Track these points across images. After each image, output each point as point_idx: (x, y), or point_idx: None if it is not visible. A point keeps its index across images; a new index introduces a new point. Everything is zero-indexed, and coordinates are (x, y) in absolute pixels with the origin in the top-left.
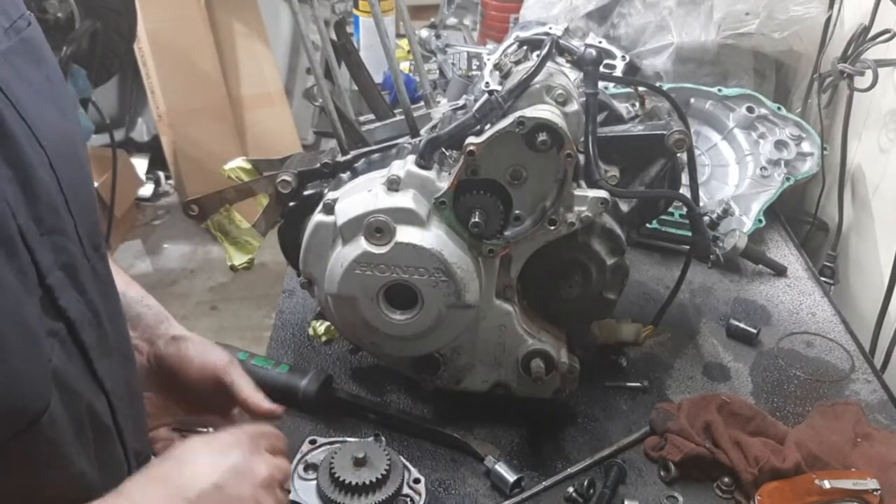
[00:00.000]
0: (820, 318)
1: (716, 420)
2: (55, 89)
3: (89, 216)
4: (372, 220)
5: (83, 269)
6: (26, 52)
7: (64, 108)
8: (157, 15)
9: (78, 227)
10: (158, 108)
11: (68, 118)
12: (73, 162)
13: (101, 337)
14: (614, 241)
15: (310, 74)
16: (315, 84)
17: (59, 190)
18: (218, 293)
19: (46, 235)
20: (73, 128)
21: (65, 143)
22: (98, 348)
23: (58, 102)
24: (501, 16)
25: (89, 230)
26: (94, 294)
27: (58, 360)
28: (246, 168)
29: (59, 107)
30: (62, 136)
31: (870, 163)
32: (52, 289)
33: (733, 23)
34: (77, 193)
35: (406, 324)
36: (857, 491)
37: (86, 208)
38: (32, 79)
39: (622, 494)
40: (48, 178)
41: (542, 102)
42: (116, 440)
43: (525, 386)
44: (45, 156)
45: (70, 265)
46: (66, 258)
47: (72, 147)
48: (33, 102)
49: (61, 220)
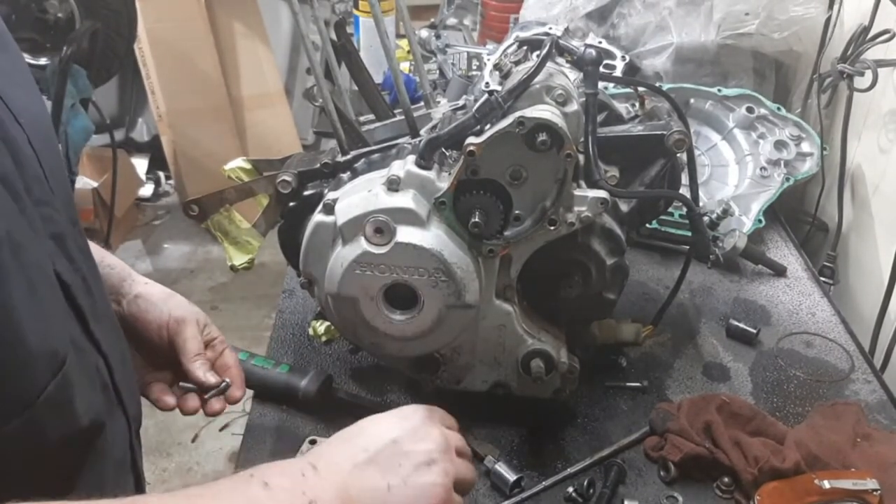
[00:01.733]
0: (820, 318)
1: (716, 420)
2: (22, 73)
3: (65, 192)
4: (372, 220)
5: (70, 238)
6: None
7: (31, 90)
8: (157, 15)
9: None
10: (158, 108)
11: (36, 100)
12: (47, 141)
13: (92, 303)
14: (614, 242)
15: (310, 74)
16: (315, 84)
17: (39, 165)
18: (218, 293)
19: (35, 206)
20: (42, 108)
21: (38, 123)
22: (91, 313)
23: (26, 85)
24: (501, 16)
25: (67, 205)
26: (81, 262)
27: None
28: (246, 168)
29: (27, 89)
30: (35, 116)
31: (869, 163)
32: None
33: (733, 23)
34: (53, 171)
35: (406, 324)
36: (856, 491)
37: (61, 184)
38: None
39: (622, 494)
40: (30, 153)
41: (542, 102)
42: (115, 400)
43: (525, 386)
44: (23, 133)
45: (59, 235)
46: (55, 228)
47: (44, 126)
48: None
49: (46, 192)
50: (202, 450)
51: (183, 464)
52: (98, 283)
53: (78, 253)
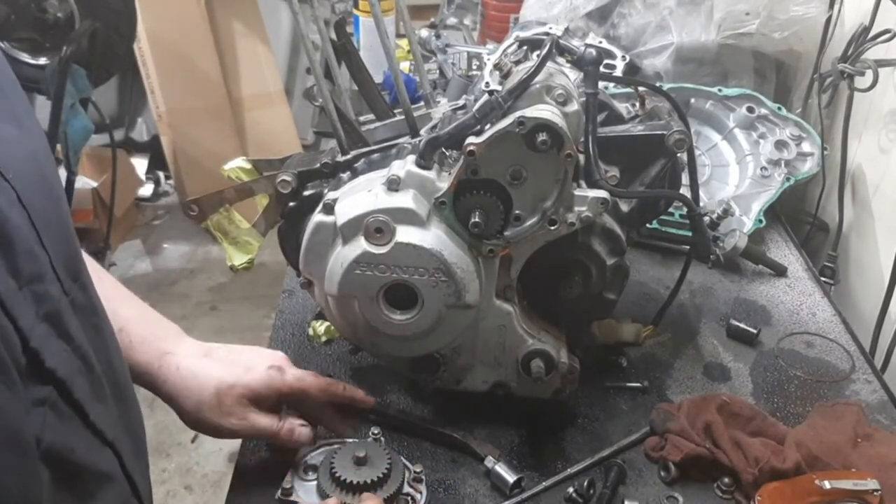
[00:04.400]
0: (820, 318)
1: (716, 420)
2: (9, 99)
3: (64, 244)
4: (372, 220)
5: (66, 311)
6: None
7: (21, 119)
8: (157, 15)
9: (53, 262)
10: (158, 107)
11: (28, 130)
12: (40, 186)
13: (93, 381)
14: (614, 242)
15: (310, 74)
16: (315, 84)
17: (31, 226)
18: (218, 293)
19: (26, 287)
20: (34, 142)
21: (30, 166)
22: (92, 397)
23: (14, 115)
24: (501, 16)
25: (66, 260)
26: (80, 334)
27: (50, 432)
28: (246, 168)
29: (16, 120)
30: (26, 156)
31: (870, 163)
32: (37, 352)
33: (733, 23)
34: (49, 222)
35: (406, 324)
36: (857, 491)
37: (60, 236)
38: None
39: (622, 495)
40: (19, 217)
41: (542, 102)
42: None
43: (525, 386)
44: (12, 191)
45: (53, 313)
46: (49, 305)
47: (37, 168)
48: None
49: (38, 262)
50: (202, 450)
51: (183, 464)
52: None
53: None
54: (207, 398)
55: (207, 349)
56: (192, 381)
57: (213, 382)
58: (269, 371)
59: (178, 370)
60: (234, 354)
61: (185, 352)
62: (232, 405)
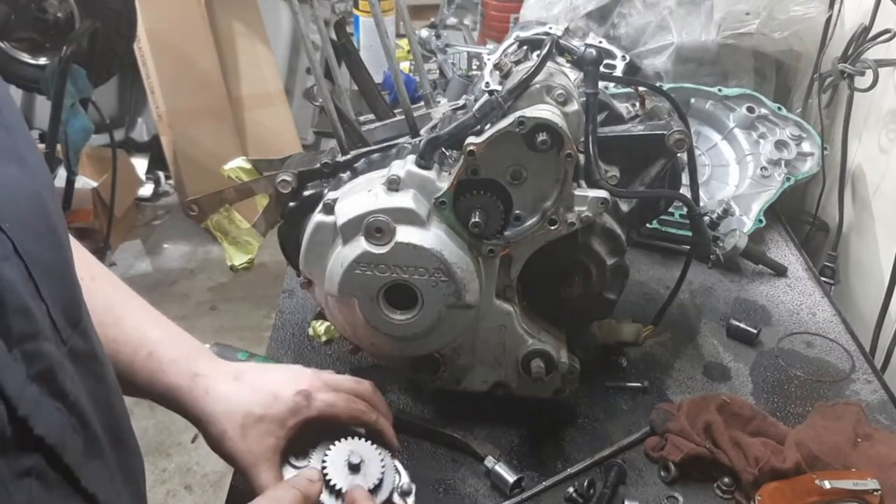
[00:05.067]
0: (820, 318)
1: (716, 420)
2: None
3: (64, 290)
4: (372, 220)
5: (61, 366)
6: None
7: (25, 156)
8: (157, 15)
9: (51, 311)
10: (158, 107)
11: (31, 168)
12: (41, 231)
13: (87, 439)
14: (614, 242)
15: (310, 74)
16: (315, 84)
17: (27, 278)
18: (218, 293)
19: (16, 347)
20: (38, 182)
21: (31, 209)
22: (85, 458)
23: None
24: (501, 16)
25: (65, 307)
26: (77, 387)
27: None
28: (246, 168)
29: (18, 158)
30: (27, 198)
31: (870, 163)
32: (25, 420)
33: (733, 23)
34: (48, 269)
35: (406, 324)
36: (857, 491)
37: (60, 283)
38: None
39: (622, 495)
40: (14, 272)
41: (543, 102)
42: None
43: (525, 386)
44: (8, 243)
45: (45, 371)
46: (41, 364)
47: (39, 210)
48: None
49: (32, 320)
50: (202, 450)
51: (183, 464)
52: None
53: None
54: (231, 430)
55: (237, 371)
56: (219, 407)
57: (240, 412)
58: (295, 398)
59: (207, 394)
60: (264, 377)
61: (215, 374)
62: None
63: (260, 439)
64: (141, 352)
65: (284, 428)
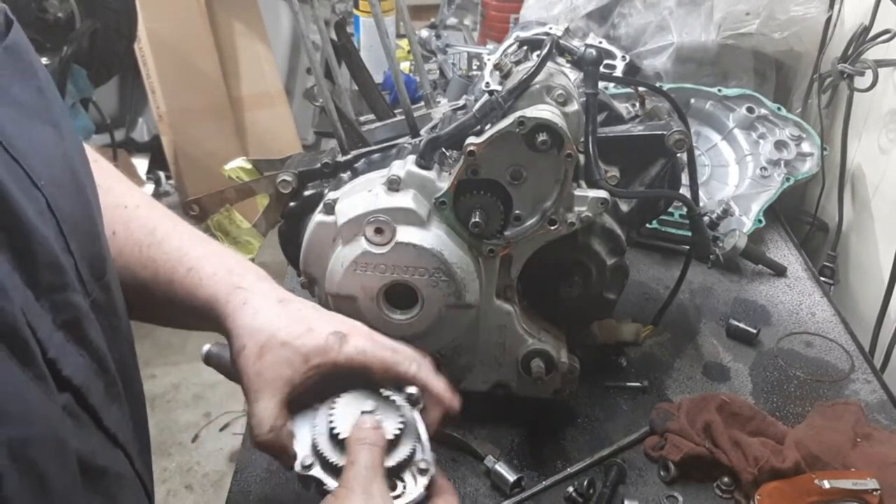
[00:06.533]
0: (820, 318)
1: (716, 420)
2: (49, 102)
3: (90, 246)
4: (372, 220)
5: (85, 316)
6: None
7: (59, 123)
8: (157, 15)
9: (78, 264)
10: (159, 107)
11: (65, 134)
12: (72, 189)
13: (107, 384)
14: (614, 242)
15: (310, 74)
16: (315, 84)
17: (59, 233)
18: None
19: (44, 297)
20: (71, 146)
21: (63, 170)
22: (106, 400)
23: (54, 119)
24: (501, 16)
25: (91, 261)
26: (98, 336)
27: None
28: (246, 168)
29: (54, 124)
30: (60, 161)
31: (870, 163)
32: (54, 362)
33: (733, 23)
34: (77, 225)
35: (406, 324)
36: (856, 491)
37: (87, 238)
38: (22, 98)
39: (622, 494)
40: (46, 226)
41: (543, 102)
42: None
43: (525, 386)
44: (43, 200)
45: (71, 320)
46: (67, 314)
47: (70, 170)
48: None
49: (61, 272)
50: (202, 450)
51: (183, 464)
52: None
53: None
54: (250, 347)
55: (284, 297)
56: (251, 322)
57: (266, 332)
58: (328, 337)
59: (245, 305)
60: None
61: (261, 290)
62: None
63: (274, 366)
64: (180, 269)
65: (307, 364)
